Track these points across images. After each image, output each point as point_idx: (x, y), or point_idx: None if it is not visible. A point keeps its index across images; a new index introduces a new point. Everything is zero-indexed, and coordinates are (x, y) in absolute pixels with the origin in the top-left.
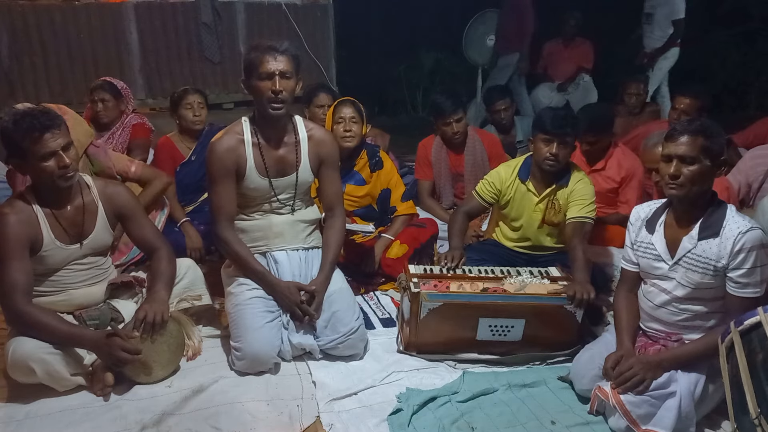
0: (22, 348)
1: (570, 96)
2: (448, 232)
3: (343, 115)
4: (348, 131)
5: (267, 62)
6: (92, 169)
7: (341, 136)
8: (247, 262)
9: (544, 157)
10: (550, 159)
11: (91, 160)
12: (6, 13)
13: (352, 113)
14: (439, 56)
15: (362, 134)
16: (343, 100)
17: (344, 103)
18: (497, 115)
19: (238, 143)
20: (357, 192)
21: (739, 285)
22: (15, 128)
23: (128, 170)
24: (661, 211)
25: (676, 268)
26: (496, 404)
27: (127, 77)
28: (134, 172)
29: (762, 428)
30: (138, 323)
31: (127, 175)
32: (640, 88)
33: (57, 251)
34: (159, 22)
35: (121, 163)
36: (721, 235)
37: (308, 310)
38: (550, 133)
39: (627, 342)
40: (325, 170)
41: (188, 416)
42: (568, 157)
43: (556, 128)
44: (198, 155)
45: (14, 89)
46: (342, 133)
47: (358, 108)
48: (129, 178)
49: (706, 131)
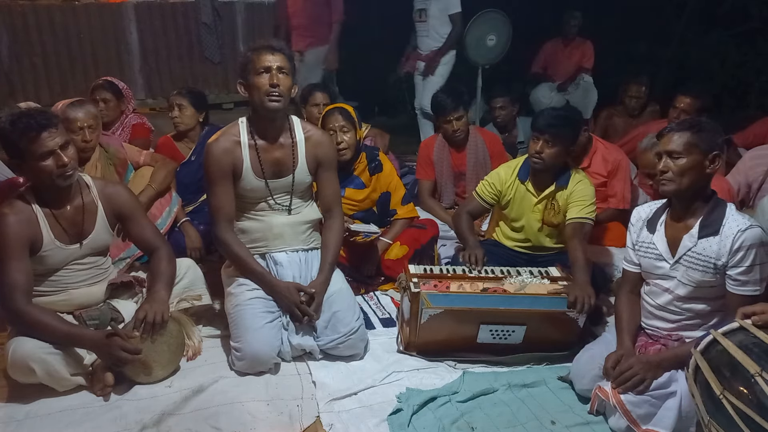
0: (22, 348)
1: (570, 96)
2: (458, 233)
3: (332, 126)
4: (340, 143)
5: (264, 57)
6: (107, 157)
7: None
8: (246, 263)
9: (531, 154)
10: (535, 156)
11: (106, 149)
12: (6, 13)
13: (342, 122)
14: None
15: (357, 139)
16: (331, 109)
17: (332, 113)
18: (494, 113)
19: (234, 145)
20: (356, 196)
21: (738, 283)
22: (12, 128)
23: (138, 158)
24: (662, 211)
25: (677, 267)
26: (496, 404)
27: (127, 77)
28: (143, 160)
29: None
30: (138, 323)
31: (137, 163)
32: (640, 89)
33: (57, 251)
34: (159, 22)
35: (132, 152)
36: (721, 233)
37: (307, 310)
38: (536, 131)
39: (627, 342)
40: (323, 172)
41: (188, 416)
42: (554, 156)
43: (541, 126)
44: (198, 155)
45: (14, 89)
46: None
47: (347, 115)
48: (138, 166)
49: (694, 127)
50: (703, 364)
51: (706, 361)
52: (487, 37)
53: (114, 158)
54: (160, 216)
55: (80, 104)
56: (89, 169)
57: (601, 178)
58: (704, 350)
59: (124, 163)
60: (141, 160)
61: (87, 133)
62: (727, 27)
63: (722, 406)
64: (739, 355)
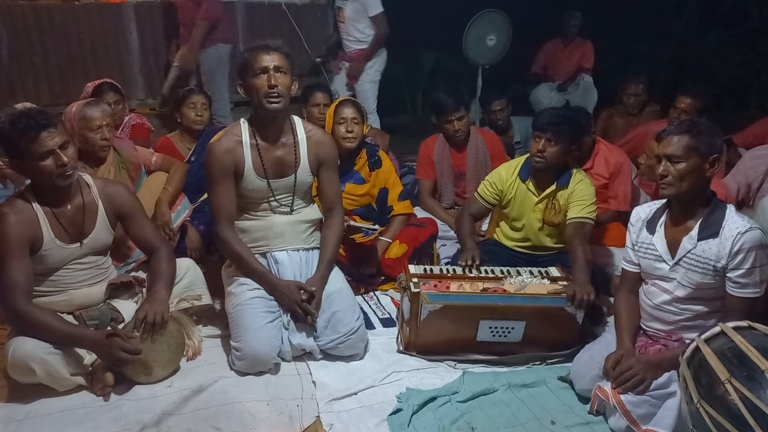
0: (22, 348)
1: (570, 96)
2: (458, 235)
3: (344, 116)
4: (350, 132)
5: (260, 58)
6: (120, 161)
7: (342, 136)
8: (247, 262)
9: (532, 153)
10: (537, 155)
11: (119, 151)
12: (6, 13)
13: (353, 114)
14: (439, 56)
15: (362, 134)
16: (344, 100)
17: (345, 104)
18: (493, 116)
19: (236, 144)
20: (356, 191)
21: (738, 285)
22: (12, 129)
23: (150, 160)
24: (661, 211)
25: (677, 269)
26: (496, 404)
27: (127, 77)
28: (155, 162)
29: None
30: (138, 323)
31: (149, 165)
32: (639, 88)
33: (57, 251)
34: (159, 22)
35: (144, 154)
36: (721, 235)
37: (309, 309)
38: (538, 130)
39: (627, 342)
40: (324, 171)
41: (188, 416)
42: (556, 155)
43: (543, 125)
44: (198, 155)
45: (14, 89)
46: (344, 134)
47: (359, 108)
48: (150, 168)
49: (693, 130)
50: (686, 372)
51: (689, 369)
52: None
53: (127, 162)
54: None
55: (95, 103)
56: (103, 172)
57: (603, 179)
58: (690, 358)
59: (138, 168)
60: (153, 161)
61: (106, 131)
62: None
63: (700, 416)
64: (713, 362)
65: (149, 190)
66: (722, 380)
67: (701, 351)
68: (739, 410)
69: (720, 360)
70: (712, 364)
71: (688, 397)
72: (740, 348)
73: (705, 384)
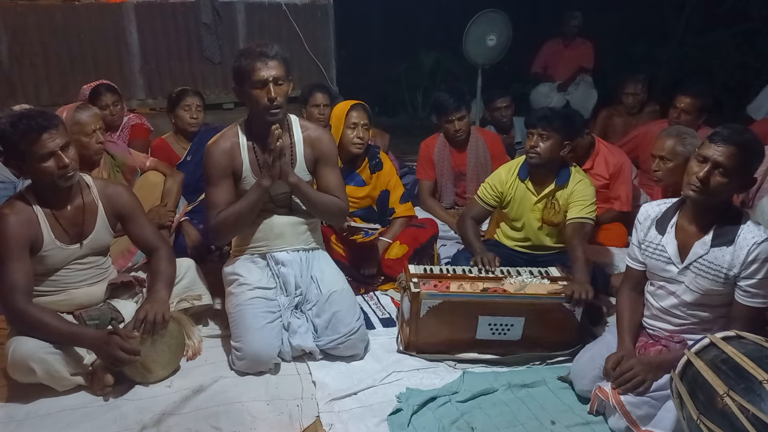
0: (22, 348)
1: (570, 96)
2: (464, 240)
3: (356, 121)
4: (360, 138)
5: (259, 70)
6: (114, 164)
7: (353, 142)
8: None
9: (526, 150)
10: (530, 151)
11: (113, 155)
12: (6, 13)
13: (365, 120)
14: (439, 56)
15: (369, 138)
16: (356, 105)
17: (358, 108)
18: (498, 113)
19: (233, 146)
20: (357, 193)
21: (748, 294)
22: (13, 130)
23: (144, 164)
24: (673, 212)
25: (686, 273)
26: (496, 404)
27: (127, 77)
28: (149, 166)
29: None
30: (138, 323)
31: (144, 169)
32: (638, 88)
33: (57, 251)
34: (159, 22)
35: (138, 158)
36: (736, 243)
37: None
38: (530, 127)
39: (628, 342)
40: (323, 167)
41: (188, 416)
42: (549, 149)
43: (533, 121)
44: (193, 155)
45: (14, 89)
46: (354, 140)
47: (370, 114)
48: (144, 170)
49: (751, 149)
50: (682, 388)
51: (684, 383)
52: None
53: (122, 165)
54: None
55: (86, 107)
56: (96, 175)
57: (603, 180)
58: (682, 372)
59: (133, 170)
60: (147, 165)
61: (100, 135)
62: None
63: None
64: (708, 376)
65: (142, 190)
66: (720, 394)
67: (694, 365)
68: (742, 425)
69: (715, 373)
70: (707, 378)
71: (687, 414)
72: (734, 359)
73: (703, 400)
